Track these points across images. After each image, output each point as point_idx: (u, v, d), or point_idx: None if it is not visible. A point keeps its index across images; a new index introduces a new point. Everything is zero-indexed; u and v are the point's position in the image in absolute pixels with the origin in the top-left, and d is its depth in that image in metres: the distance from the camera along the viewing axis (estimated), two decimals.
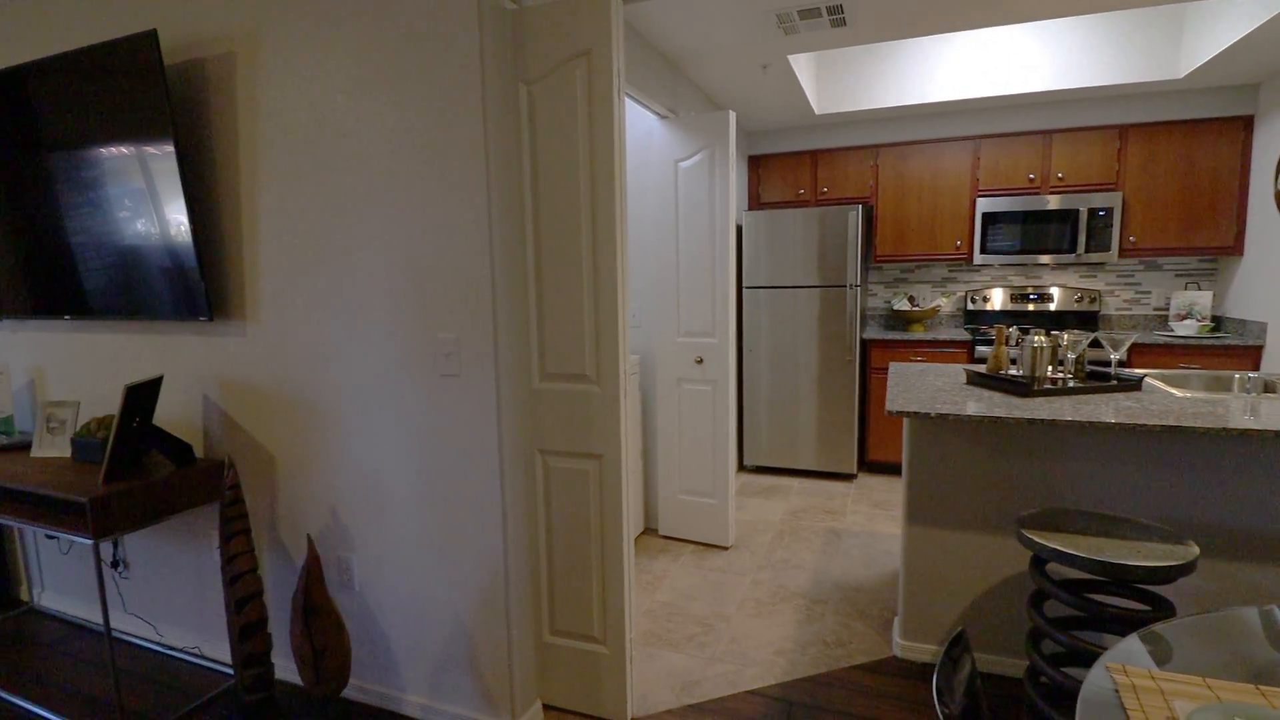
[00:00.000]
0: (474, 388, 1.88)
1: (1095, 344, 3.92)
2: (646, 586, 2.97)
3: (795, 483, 4.39)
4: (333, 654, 1.88)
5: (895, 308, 4.66)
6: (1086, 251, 4.10)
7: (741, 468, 4.72)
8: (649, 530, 3.58)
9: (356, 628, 2.19)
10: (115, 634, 2.69)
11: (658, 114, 3.24)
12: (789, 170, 4.79)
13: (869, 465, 4.58)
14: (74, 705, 2.25)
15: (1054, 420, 1.91)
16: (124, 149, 2.15)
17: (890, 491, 4.19)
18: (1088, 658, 1.72)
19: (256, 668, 2.00)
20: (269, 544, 2.30)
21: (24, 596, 3.00)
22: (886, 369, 4.37)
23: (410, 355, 1.96)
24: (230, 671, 2.41)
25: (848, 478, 4.46)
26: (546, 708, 2.15)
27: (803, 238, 4.31)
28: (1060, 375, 2.37)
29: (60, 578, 2.86)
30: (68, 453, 2.34)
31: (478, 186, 1.80)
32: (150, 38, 2.00)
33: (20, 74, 2.26)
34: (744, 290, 4.51)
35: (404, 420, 2.00)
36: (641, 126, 3.33)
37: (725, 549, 3.33)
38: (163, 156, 2.08)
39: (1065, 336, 2.39)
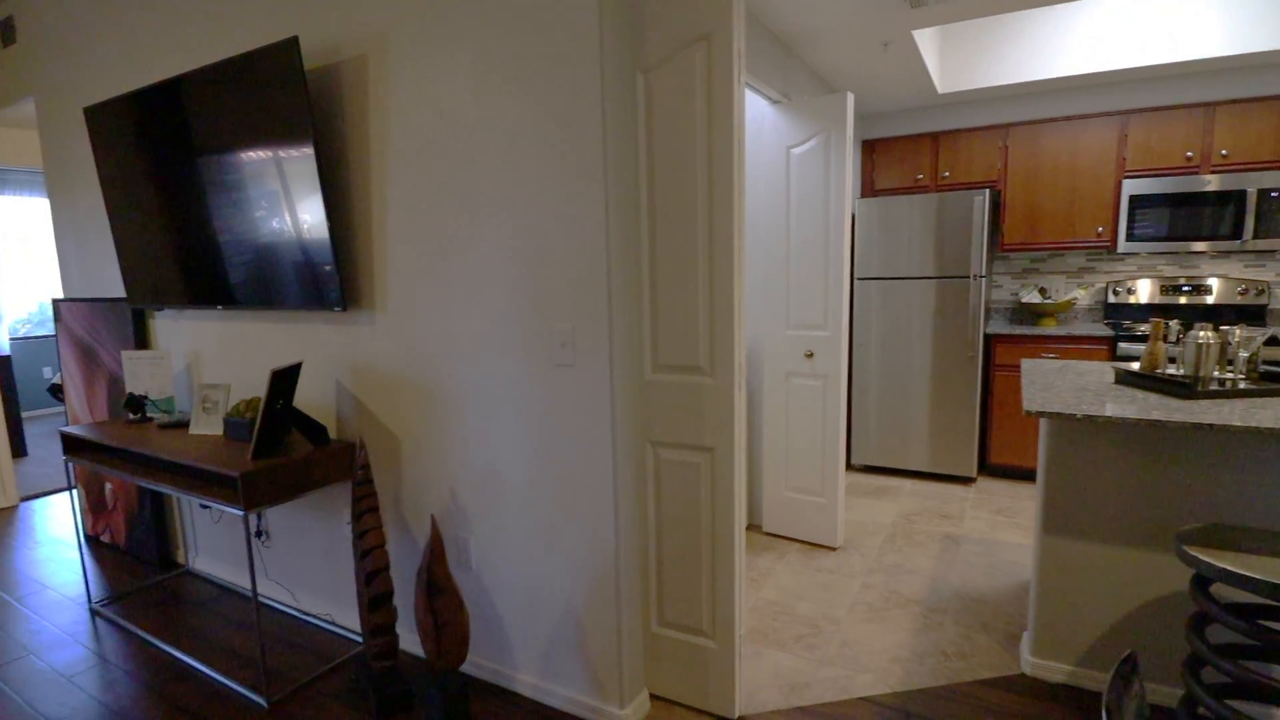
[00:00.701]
0: (588, 377, 1.90)
1: (1272, 341, 3.48)
2: (751, 583, 2.91)
3: (907, 484, 4.18)
4: (453, 630, 1.96)
5: (1024, 300, 4.34)
6: (1254, 238, 3.64)
7: (849, 466, 4.55)
8: (752, 526, 3.52)
9: (472, 606, 2.27)
10: (259, 598, 2.93)
11: (769, 99, 3.15)
12: (906, 154, 4.55)
13: (990, 469, 4.29)
14: (223, 660, 2.47)
15: (1225, 426, 1.70)
16: (266, 153, 2.32)
17: (1014, 498, 3.91)
18: (1257, 690, 1.53)
19: (383, 637, 2.12)
20: (393, 521, 2.43)
21: (181, 560, 3.33)
22: (1013, 366, 4.07)
23: (526, 345, 2.00)
24: (358, 639, 2.56)
25: (965, 481, 4.20)
26: (654, 698, 2.15)
27: (920, 226, 4.08)
28: (1229, 376, 2.11)
29: (212, 544, 3.15)
30: (220, 431, 2.57)
31: (595, 177, 1.81)
32: (291, 45, 2.13)
33: (174, 86, 2.48)
34: (855, 282, 4.33)
35: (519, 408, 2.04)
36: (752, 112, 3.25)
37: (833, 550, 3.22)
38: (302, 159, 2.22)
39: (1236, 332, 2.12)
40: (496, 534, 2.17)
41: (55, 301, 3.52)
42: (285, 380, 2.21)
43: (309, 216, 2.26)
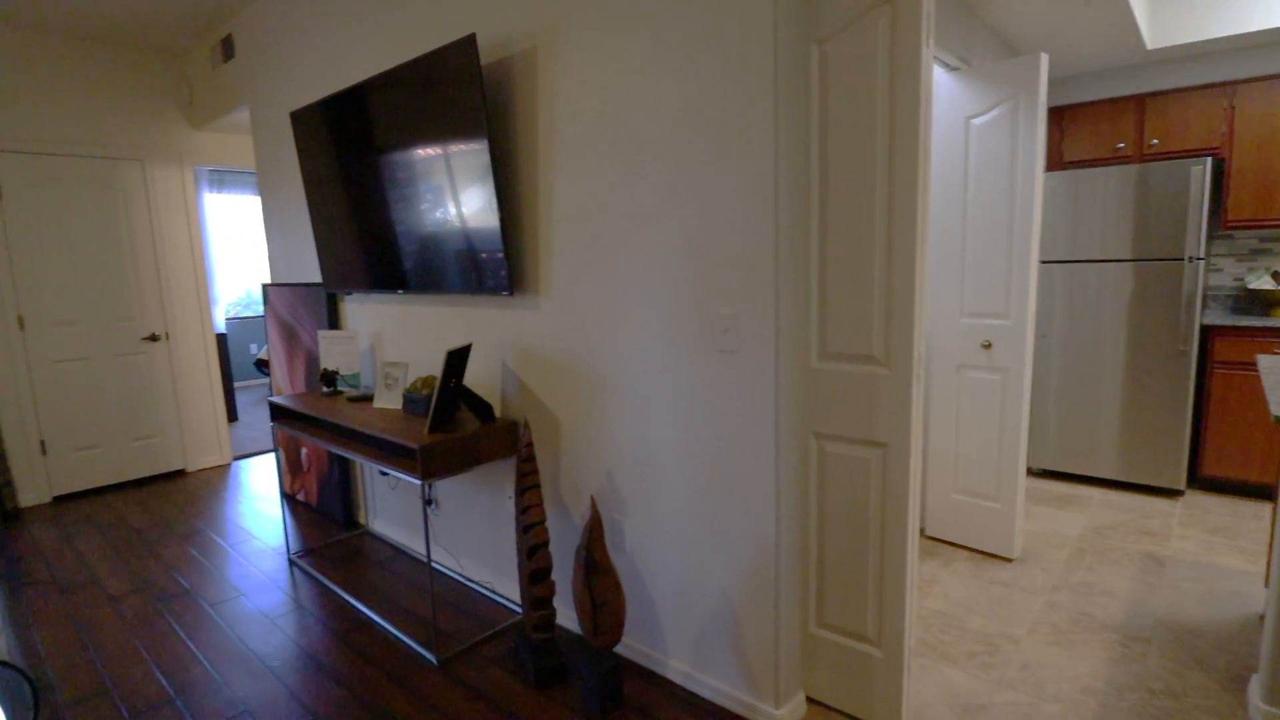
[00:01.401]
0: (751, 364, 1.83)
1: None
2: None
3: (1095, 493, 3.73)
4: (610, 610, 1.98)
5: (1252, 286, 3.70)
6: None
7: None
8: None
9: (625, 587, 2.29)
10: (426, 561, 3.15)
11: (946, 65, 2.88)
12: (1104, 121, 4.02)
13: (1203, 481, 3.72)
14: (398, 616, 2.68)
15: None
16: (442, 148, 2.44)
17: (1236, 516, 3.36)
18: None
19: (542, 610, 2.19)
20: (551, 498, 2.51)
21: (362, 521, 3.67)
22: (1238, 363, 3.49)
23: (687, 329, 1.96)
24: (517, 609, 2.68)
25: (1171, 494, 3.67)
26: (810, 701, 2.06)
27: (1116, 202, 3.59)
28: None
29: (388, 508, 3.43)
30: (400, 405, 2.77)
31: (765, 155, 1.73)
32: (469, 43, 2.21)
33: (361, 89, 2.68)
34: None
35: (678, 393, 2.02)
36: None
37: (1008, 561, 2.93)
38: (475, 152, 2.32)
39: None
40: (651, 518, 2.17)
41: (264, 286, 3.97)
42: (458, 360, 2.33)
43: (481, 206, 2.36)
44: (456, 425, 2.45)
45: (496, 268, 2.38)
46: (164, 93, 4.49)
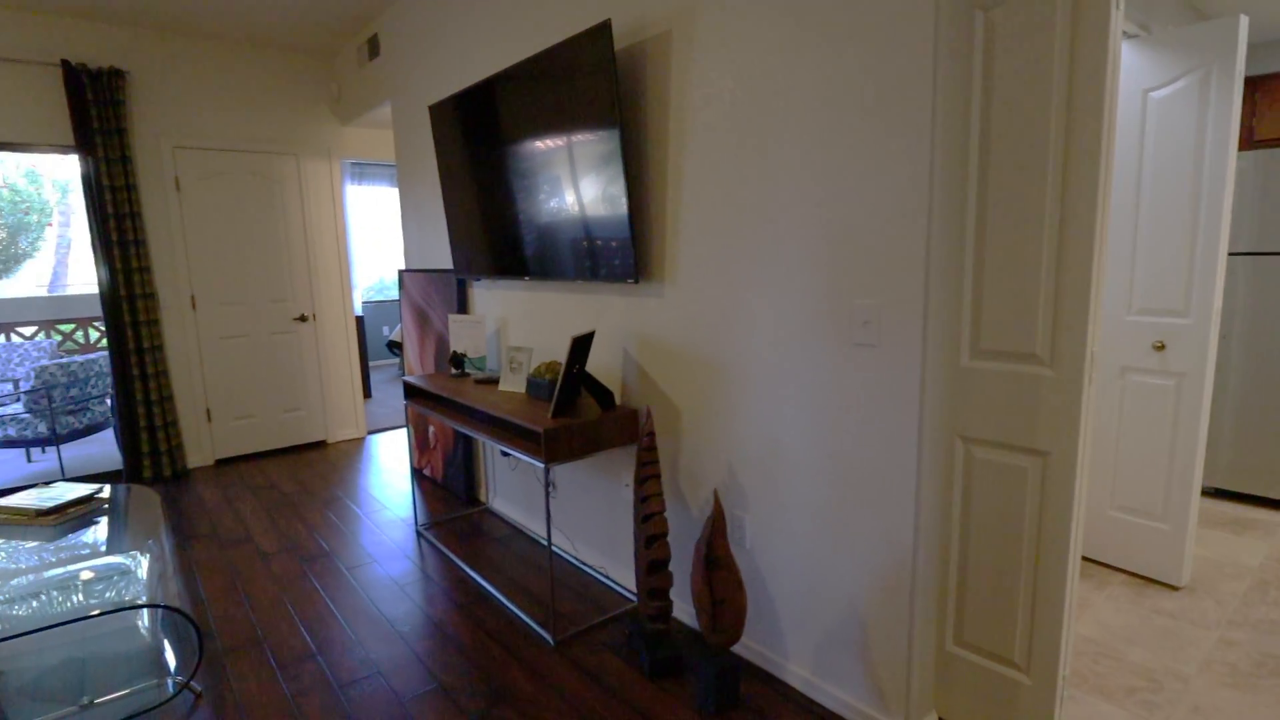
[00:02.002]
0: (893, 360, 1.71)
1: None
2: None
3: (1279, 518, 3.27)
4: (730, 607, 1.93)
5: None
6: None
7: None
8: None
9: (745, 585, 2.23)
10: (542, 543, 3.22)
11: (1124, 33, 2.58)
12: None
13: None
14: (516, 593, 2.75)
15: None
16: (572, 137, 2.45)
17: None
18: None
19: (658, 601, 2.17)
20: (669, 489, 2.48)
21: (482, 498, 3.81)
22: None
23: (821, 321, 1.86)
24: (630, 596, 2.69)
25: None
26: None
27: None
28: None
29: (507, 488, 3.54)
30: (523, 389, 2.83)
31: (919, 135, 1.60)
32: (603, 30, 2.20)
33: (493, 82, 2.74)
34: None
35: (809, 388, 1.92)
36: None
37: (1174, 589, 2.62)
38: (605, 140, 2.31)
39: None
40: (774, 515, 2.09)
41: (400, 271, 4.20)
42: (582, 347, 2.35)
43: (607, 194, 2.36)
44: (578, 411, 2.47)
45: (622, 255, 2.37)
46: (316, 91, 4.83)
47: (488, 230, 3.10)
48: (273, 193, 4.73)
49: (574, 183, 2.51)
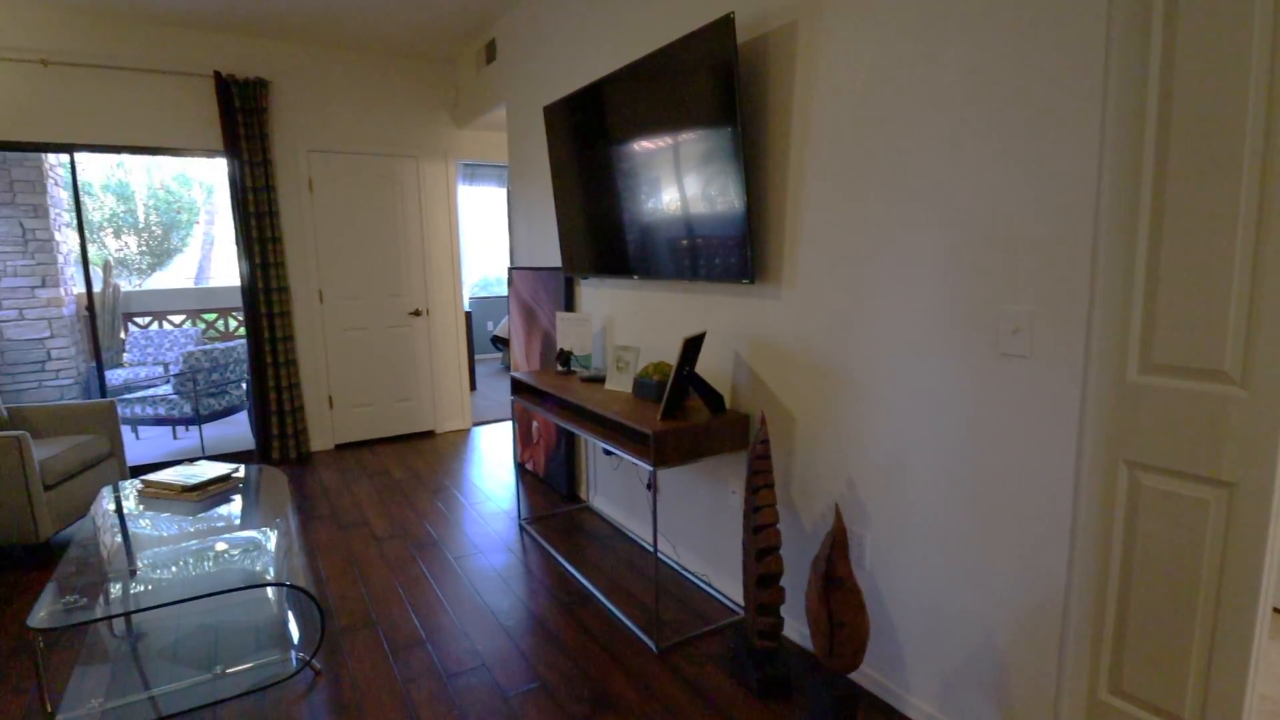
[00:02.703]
0: (1047, 373, 1.54)
1: None
2: None
3: None
4: (850, 631, 1.81)
5: None
6: None
7: None
8: None
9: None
10: (643, 545, 3.19)
11: None
12: None
13: None
14: (618, 595, 2.72)
15: None
16: (686, 134, 2.39)
17: None
18: None
19: (769, 617, 2.08)
20: (779, 501, 2.38)
21: (583, 496, 3.82)
22: None
23: (959, 329, 1.71)
24: (735, 608, 2.60)
25: None
26: None
27: None
28: None
29: (608, 487, 3.53)
30: (629, 389, 2.80)
31: (1085, 124, 1.43)
32: (726, 24, 2.12)
33: (608, 82, 2.72)
34: None
35: (941, 400, 1.77)
36: None
37: None
38: (723, 136, 2.24)
39: None
40: (898, 535, 1.95)
41: (510, 269, 4.29)
42: (693, 348, 2.28)
43: (723, 192, 2.28)
44: (687, 414, 2.41)
45: (737, 255, 2.29)
46: (436, 96, 5.03)
47: (597, 229, 3.10)
48: (393, 193, 4.96)
49: (688, 181, 2.45)
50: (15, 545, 3.04)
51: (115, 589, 2.18)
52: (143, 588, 2.19)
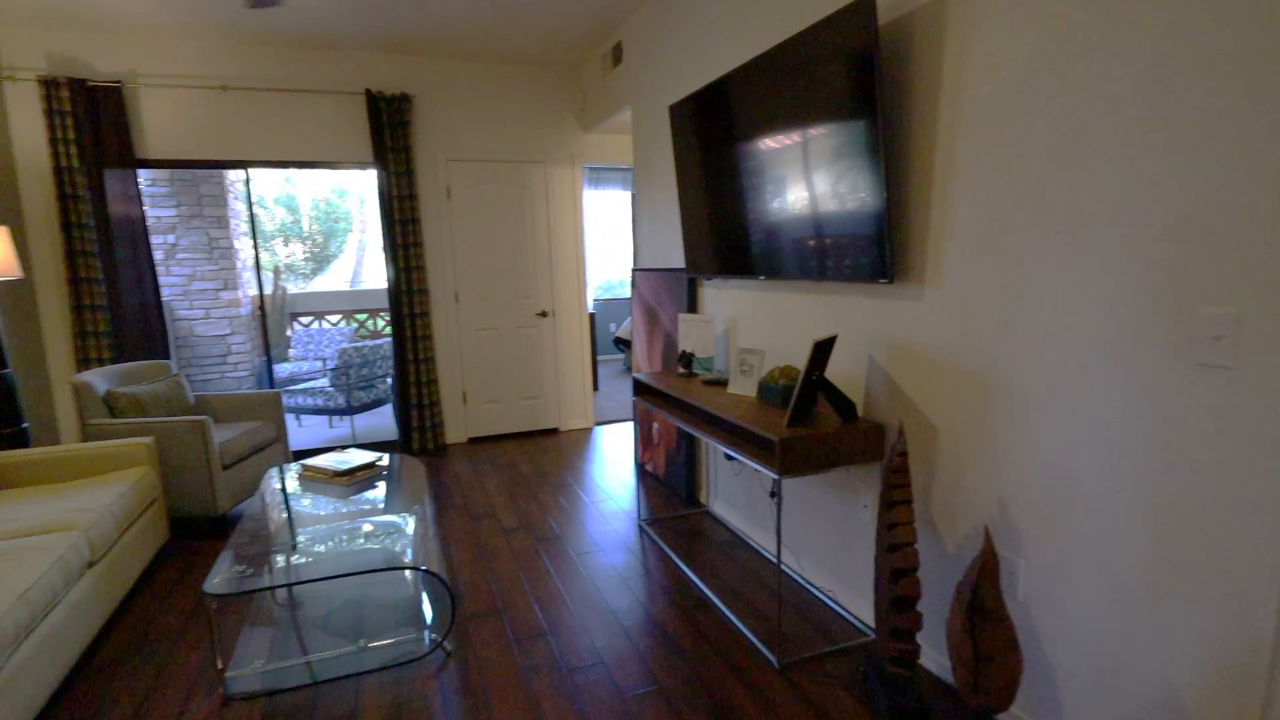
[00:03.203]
0: (1258, 389, 1.31)
1: None
2: None
3: None
4: (1000, 668, 1.64)
5: None
6: None
7: None
8: None
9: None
10: (764, 554, 3.09)
11: None
12: None
13: None
14: (737, 603, 2.65)
15: None
16: (818, 127, 2.27)
17: None
18: None
19: (903, 643, 1.93)
20: (918, 518, 2.21)
21: (702, 500, 3.77)
22: None
23: (1142, 334, 1.50)
24: (863, 628, 2.45)
25: None
26: None
27: None
28: None
29: (728, 493, 3.46)
30: (754, 393, 2.72)
31: None
32: (865, 4, 1.99)
33: (735, 76, 2.64)
34: None
35: (1119, 416, 1.56)
36: None
37: None
38: (858, 128, 2.11)
39: None
40: (1060, 566, 1.74)
41: (633, 270, 4.32)
42: (824, 352, 2.17)
43: (861, 186, 2.15)
44: (815, 421, 2.30)
45: (873, 253, 2.15)
46: (563, 102, 5.16)
47: (722, 228, 3.04)
48: (523, 198, 5.14)
49: (820, 177, 2.33)
50: (198, 516, 3.42)
51: (279, 561, 2.39)
52: (302, 561, 2.38)
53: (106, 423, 3.31)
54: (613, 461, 4.64)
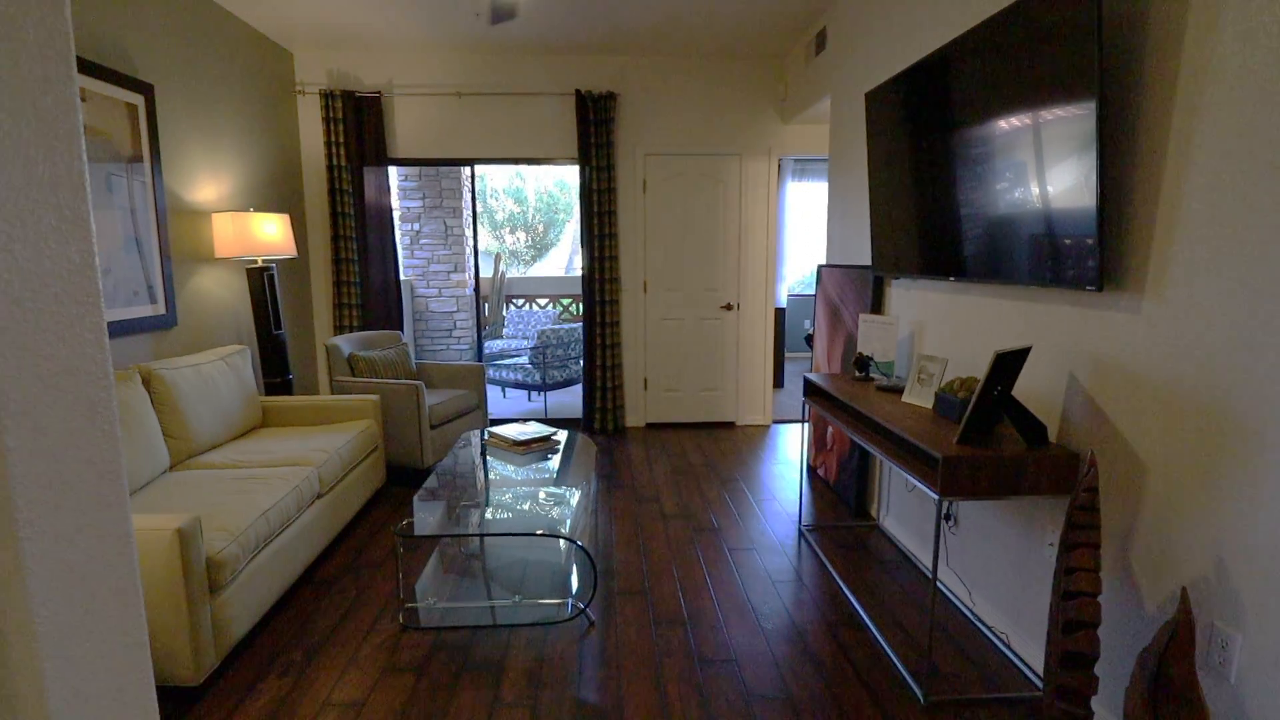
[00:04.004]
0: None
1: None
2: None
3: None
4: None
5: None
6: None
7: None
8: None
9: None
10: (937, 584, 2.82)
11: None
12: None
13: None
14: (891, 628, 2.46)
15: None
16: (1027, 115, 2.00)
17: None
18: None
19: (1071, 704, 1.67)
20: (1112, 566, 1.89)
21: (873, 514, 3.54)
22: None
23: None
24: (1034, 680, 2.16)
25: None
26: None
27: None
28: None
29: (901, 509, 3.21)
30: (930, 404, 2.50)
31: None
32: None
33: (936, 58, 2.39)
34: None
35: None
36: None
37: None
38: (1072, 111, 1.82)
39: None
40: None
41: (819, 267, 4.16)
42: (1009, 365, 1.93)
43: (1071, 181, 1.87)
44: (994, 441, 2.05)
45: (1083, 256, 1.86)
46: (761, 93, 5.09)
47: (912, 223, 2.81)
48: (715, 191, 5.17)
49: (1020, 169, 2.06)
50: (407, 468, 3.95)
51: (462, 514, 2.69)
52: (482, 517, 2.66)
53: (348, 380, 3.94)
54: (784, 461, 4.53)
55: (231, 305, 4.00)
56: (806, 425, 3.95)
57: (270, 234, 3.77)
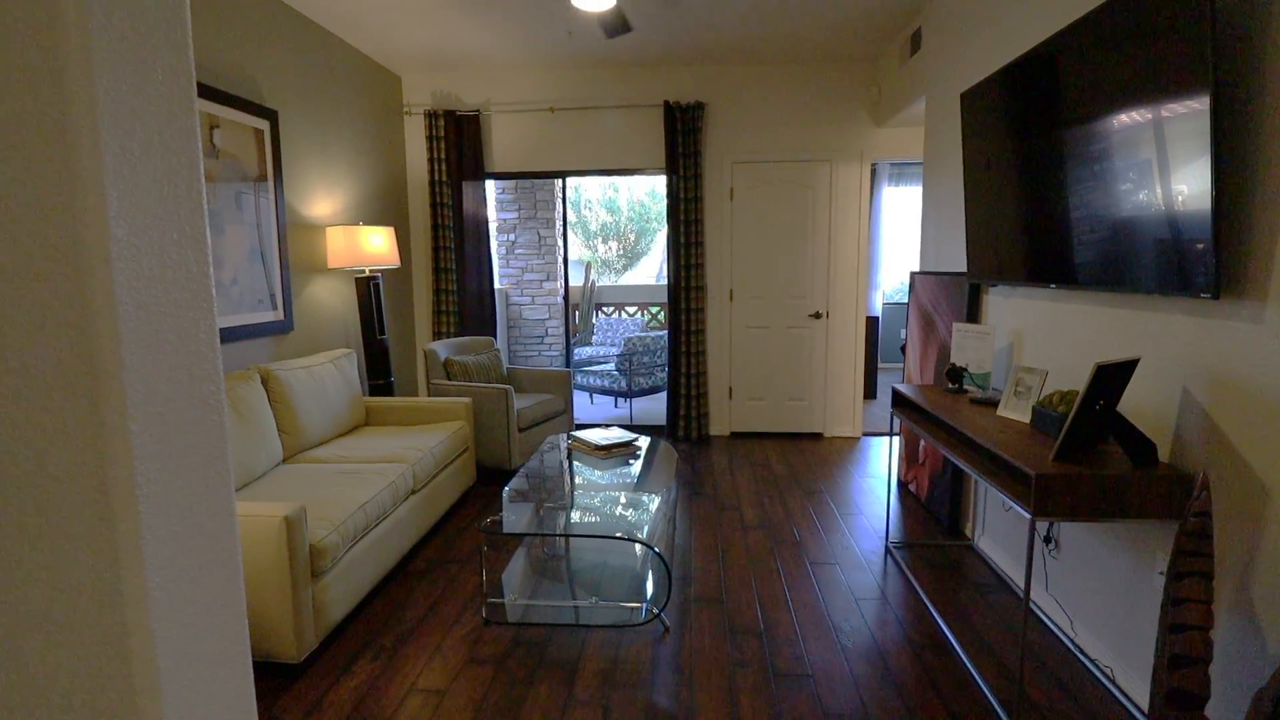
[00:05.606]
0: None
1: None
2: None
3: None
4: None
5: None
6: None
7: None
8: None
9: None
10: (1032, 606, 2.66)
11: None
12: None
13: None
14: (980, 654, 2.34)
15: None
16: (1137, 113, 1.86)
17: None
18: None
19: None
20: (1230, 598, 1.72)
21: (967, 533, 3.37)
22: None
23: None
24: (1139, 717, 1.99)
25: None
26: None
27: None
28: None
29: (998, 528, 3.04)
30: (1027, 418, 2.36)
31: None
32: None
33: (1035, 55, 2.26)
34: None
35: None
36: None
37: None
38: (1185, 103, 1.68)
39: None
40: None
41: (911, 273, 4.01)
42: (1112, 378, 1.80)
43: (1186, 181, 1.72)
44: (1097, 459, 1.92)
45: (1196, 262, 1.71)
46: (853, 97, 4.97)
47: (1012, 228, 2.67)
48: (805, 198, 5.09)
49: (1133, 170, 1.92)
50: (496, 468, 4.11)
51: (543, 515, 2.78)
52: (566, 519, 2.74)
53: (443, 383, 4.16)
54: (873, 476, 4.37)
55: (341, 312, 4.31)
56: (896, 438, 3.81)
57: (377, 246, 4.05)
